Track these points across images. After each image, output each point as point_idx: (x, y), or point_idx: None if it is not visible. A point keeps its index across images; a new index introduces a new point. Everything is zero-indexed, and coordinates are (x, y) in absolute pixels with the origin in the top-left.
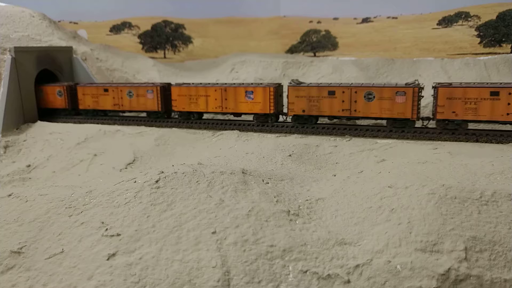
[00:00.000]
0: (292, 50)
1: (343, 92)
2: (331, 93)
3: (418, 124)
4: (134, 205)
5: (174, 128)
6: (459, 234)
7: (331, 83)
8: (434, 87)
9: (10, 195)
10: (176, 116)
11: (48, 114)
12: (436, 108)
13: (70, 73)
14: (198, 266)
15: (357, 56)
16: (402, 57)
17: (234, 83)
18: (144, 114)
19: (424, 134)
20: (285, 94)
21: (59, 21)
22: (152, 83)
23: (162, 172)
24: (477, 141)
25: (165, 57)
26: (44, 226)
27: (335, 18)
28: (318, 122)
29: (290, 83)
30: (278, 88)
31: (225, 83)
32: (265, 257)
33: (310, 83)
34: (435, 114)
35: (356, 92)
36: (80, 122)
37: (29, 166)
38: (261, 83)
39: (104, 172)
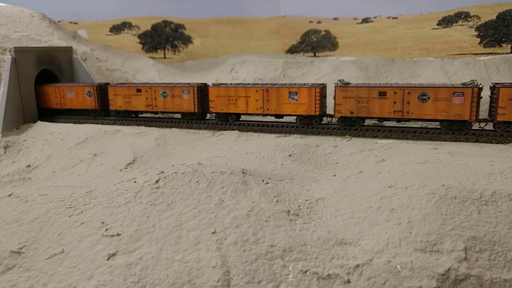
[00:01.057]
0: (292, 50)
1: (395, 92)
2: (382, 94)
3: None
4: (134, 205)
5: (174, 128)
6: (459, 234)
7: (381, 84)
8: (493, 87)
9: (10, 195)
10: (211, 118)
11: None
12: (496, 110)
13: (70, 73)
14: (198, 266)
15: (357, 56)
16: (402, 57)
17: (275, 84)
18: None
19: (424, 134)
20: (328, 95)
21: (59, 21)
22: (188, 83)
23: (162, 172)
24: (477, 141)
25: (165, 57)
26: (44, 226)
27: (335, 18)
28: (323, 122)
29: (337, 83)
30: (323, 88)
31: (266, 84)
32: (265, 257)
33: (358, 84)
34: (494, 116)
35: (409, 93)
36: (80, 122)
37: (29, 166)
38: (304, 84)
39: (104, 172)
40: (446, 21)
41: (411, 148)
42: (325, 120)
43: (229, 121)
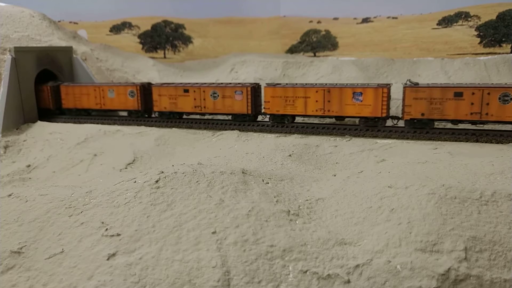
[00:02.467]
0: (292, 50)
1: (473, 93)
2: (458, 95)
3: None
4: (134, 205)
5: (174, 128)
6: (459, 234)
7: (457, 84)
8: None
9: (10, 195)
10: (264, 119)
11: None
12: None
13: (70, 73)
14: (198, 266)
15: (357, 56)
16: (402, 57)
17: (335, 84)
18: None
19: (424, 134)
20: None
21: (59, 21)
22: (241, 83)
23: (162, 172)
24: (477, 141)
25: (165, 57)
26: (44, 226)
27: (335, 18)
28: (322, 122)
29: (406, 83)
30: (390, 89)
31: (325, 84)
32: (265, 257)
33: (428, 84)
34: None
35: (489, 93)
36: (80, 122)
37: (29, 166)
38: (367, 84)
39: (104, 172)
40: (446, 21)
41: (411, 148)
42: (388, 122)
43: (284, 123)
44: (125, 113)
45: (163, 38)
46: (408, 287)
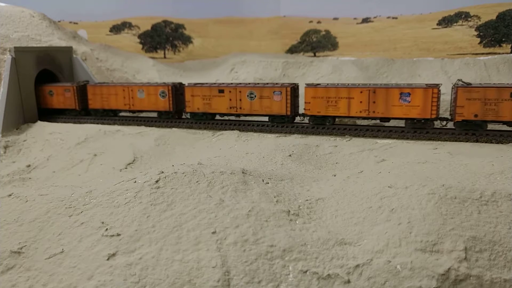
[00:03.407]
0: (292, 50)
1: None
2: None
3: None
4: (134, 205)
5: (174, 128)
6: (459, 234)
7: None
8: None
9: (10, 195)
10: (302, 121)
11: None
12: None
13: (70, 73)
14: (198, 266)
15: (357, 56)
16: (402, 57)
17: (378, 84)
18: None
19: (424, 134)
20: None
21: (59, 21)
22: (281, 83)
23: (162, 172)
24: (477, 141)
25: (165, 57)
26: (44, 226)
27: (335, 18)
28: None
29: (457, 83)
30: (440, 89)
31: (366, 84)
32: (265, 257)
33: (481, 83)
34: None
35: None
36: (80, 122)
37: (29, 166)
38: (411, 84)
39: (104, 172)
40: (446, 21)
41: (411, 148)
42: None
43: (325, 125)
44: (152, 114)
45: (163, 38)
46: (408, 287)
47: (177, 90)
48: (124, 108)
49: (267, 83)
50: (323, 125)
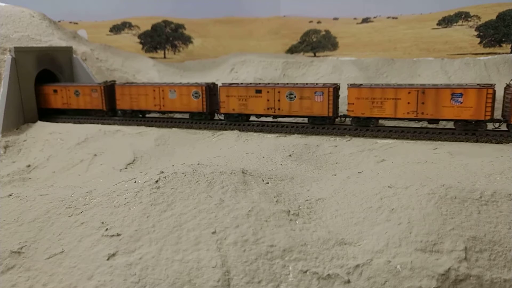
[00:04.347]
0: (292, 50)
1: None
2: None
3: None
4: (134, 205)
5: (174, 128)
6: (459, 234)
7: None
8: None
9: (10, 195)
10: (343, 122)
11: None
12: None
13: (70, 73)
14: (198, 266)
15: (357, 56)
16: (402, 57)
17: (425, 84)
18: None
19: (424, 134)
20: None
21: (59, 21)
22: (322, 83)
23: (162, 172)
24: (477, 141)
25: (165, 57)
26: (44, 226)
27: (335, 18)
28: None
29: (510, 84)
30: (495, 89)
31: (412, 84)
32: (265, 257)
33: None
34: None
35: None
36: (80, 122)
37: (29, 166)
38: (463, 84)
39: (104, 172)
40: (446, 21)
41: (411, 148)
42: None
43: (369, 126)
44: (182, 115)
45: (163, 38)
46: (408, 287)
47: (211, 91)
48: (154, 109)
49: (306, 84)
50: (366, 127)
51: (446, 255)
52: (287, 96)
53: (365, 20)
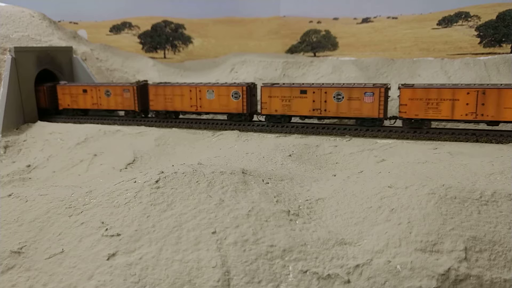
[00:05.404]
0: (292, 50)
1: None
2: None
3: None
4: (134, 205)
5: (174, 128)
6: (459, 234)
7: None
8: None
9: (10, 195)
10: (393, 124)
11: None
12: None
13: (70, 73)
14: (198, 266)
15: (357, 56)
16: (402, 57)
17: (485, 84)
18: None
19: (424, 134)
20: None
21: (59, 21)
22: (372, 84)
23: (162, 172)
24: (477, 141)
25: (165, 57)
26: (44, 226)
27: (335, 18)
28: (318, 122)
29: None
30: None
31: (469, 84)
32: (265, 257)
33: None
34: None
35: None
36: (80, 122)
37: (29, 166)
38: None
39: (104, 172)
40: (446, 21)
41: (411, 148)
42: None
43: (423, 128)
44: (219, 116)
45: (163, 38)
46: (408, 287)
47: (251, 91)
48: (190, 110)
49: (352, 84)
50: (419, 129)
51: (446, 255)
52: (334, 97)
53: (365, 20)
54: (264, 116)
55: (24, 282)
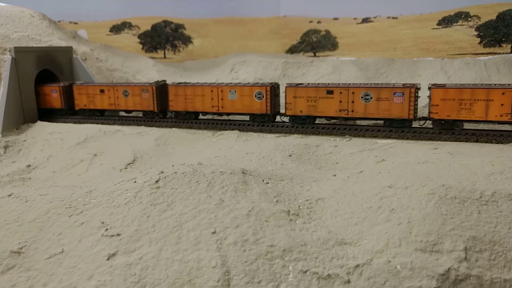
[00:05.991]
0: (292, 50)
1: None
2: None
3: None
4: (134, 205)
5: (174, 128)
6: (459, 234)
7: None
8: None
9: (10, 195)
10: (422, 125)
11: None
12: None
13: (70, 73)
14: (198, 266)
15: (357, 56)
16: (402, 57)
17: None
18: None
19: (424, 134)
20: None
21: (59, 21)
22: (402, 84)
23: (162, 172)
24: (477, 141)
25: (165, 57)
26: (44, 226)
27: (335, 18)
28: (317, 122)
29: None
30: None
31: (504, 85)
32: (265, 257)
33: None
34: None
35: None
36: (80, 122)
37: (29, 166)
38: None
39: (104, 172)
40: (446, 21)
41: (411, 148)
42: None
43: (454, 130)
44: (238, 117)
45: (163, 38)
46: (408, 287)
47: (274, 91)
48: (211, 110)
49: (378, 84)
50: (451, 130)
51: (446, 255)
52: (362, 97)
53: (365, 20)
54: (288, 117)
55: (24, 282)
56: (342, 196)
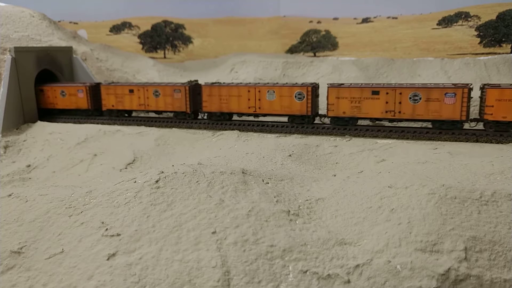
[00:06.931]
0: (292, 50)
1: None
2: None
3: None
4: (134, 205)
5: (174, 128)
6: (459, 234)
7: None
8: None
9: (10, 195)
10: (473, 127)
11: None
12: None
13: (70, 73)
14: (198, 266)
15: (357, 56)
16: (402, 57)
17: None
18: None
19: (424, 134)
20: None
21: (59, 21)
22: (454, 84)
23: (162, 172)
24: (477, 141)
25: (165, 57)
26: (44, 226)
27: (335, 18)
28: (317, 122)
29: None
30: None
31: None
32: (265, 257)
33: None
34: None
35: None
36: (80, 122)
37: (29, 166)
38: None
39: (104, 172)
40: (446, 21)
41: (411, 148)
42: None
43: (510, 132)
44: (276, 118)
45: (163, 38)
46: (408, 287)
47: (315, 92)
48: (247, 111)
49: (426, 84)
50: (507, 132)
51: (446, 255)
52: (410, 98)
53: (365, 20)
54: (329, 119)
55: (24, 282)
56: (342, 196)
